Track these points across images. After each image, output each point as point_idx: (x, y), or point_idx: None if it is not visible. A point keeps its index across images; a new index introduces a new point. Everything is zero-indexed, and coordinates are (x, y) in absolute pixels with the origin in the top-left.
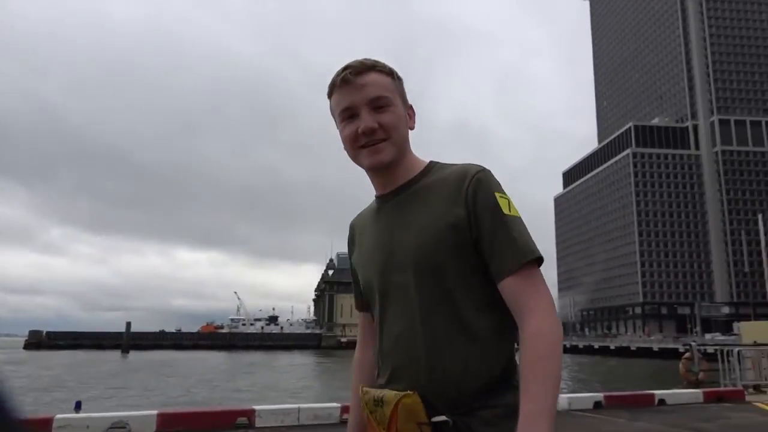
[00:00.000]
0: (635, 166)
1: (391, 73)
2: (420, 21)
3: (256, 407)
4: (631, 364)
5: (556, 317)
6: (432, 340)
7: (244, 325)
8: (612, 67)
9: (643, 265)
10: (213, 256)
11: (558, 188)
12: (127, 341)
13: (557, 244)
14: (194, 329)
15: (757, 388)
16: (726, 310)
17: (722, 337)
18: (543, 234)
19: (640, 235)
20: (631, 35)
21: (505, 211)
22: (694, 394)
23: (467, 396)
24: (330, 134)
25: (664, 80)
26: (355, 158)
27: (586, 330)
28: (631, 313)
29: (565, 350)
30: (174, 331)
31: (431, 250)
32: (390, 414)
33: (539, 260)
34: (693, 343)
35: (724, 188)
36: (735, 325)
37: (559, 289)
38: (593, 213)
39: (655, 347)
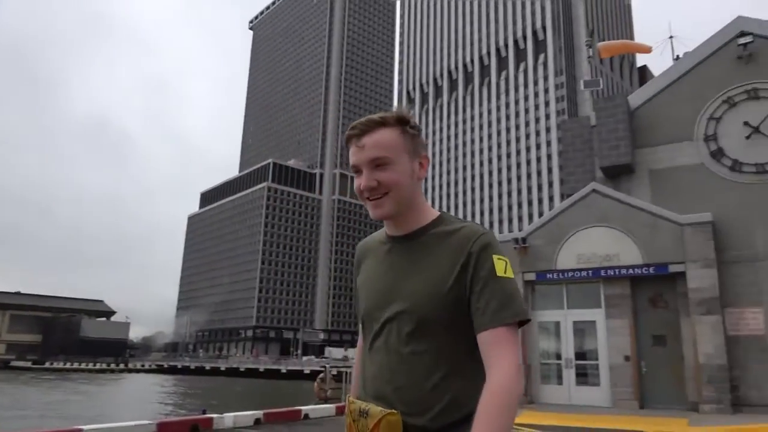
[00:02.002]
0: (268, 199)
1: (401, 123)
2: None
3: None
4: (239, 383)
5: (518, 375)
6: (416, 376)
7: None
8: (263, 102)
9: (260, 291)
10: None
11: (194, 207)
12: None
13: (184, 262)
14: None
15: None
16: (322, 336)
17: (317, 359)
18: (171, 251)
19: (263, 263)
20: (284, 81)
21: (499, 273)
22: (329, 408)
23: (443, 427)
24: None
25: (304, 128)
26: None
27: (200, 351)
28: (243, 335)
29: (176, 371)
30: None
31: (430, 301)
32: (372, 426)
33: (521, 321)
34: (327, 366)
35: (335, 231)
36: (327, 349)
37: (178, 308)
38: (224, 237)
39: (261, 368)
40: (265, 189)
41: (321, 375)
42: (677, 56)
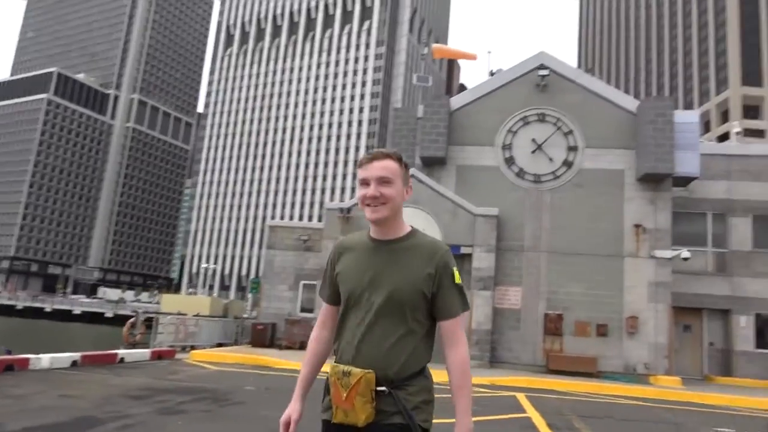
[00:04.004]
0: (47, 114)
1: (400, 160)
2: None
3: None
4: None
5: (467, 346)
6: (390, 343)
7: None
8: (44, 4)
9: (24, 218)
10: None
11: None
12: None
13: None
14: None
15: (183, 349)
16: (96, 274)
17: (88, 300)
18: None
19: (31, 186)
20: None
21: (457, 281)
22: (143, 353)
23: (401, 379)
24: None
25: (101, 40)
26: (363, 210)
27: None
28: None
29: None
30: None
31: (408, 290)
32: (354, 382)
33: (467, 310)
34: (139, 311)
35: (126, 162)
36: (101, 289)
37: None
38: None
39: (20, 305)
40: (45, 102)
41: (132, 320)
42: (492, 71)
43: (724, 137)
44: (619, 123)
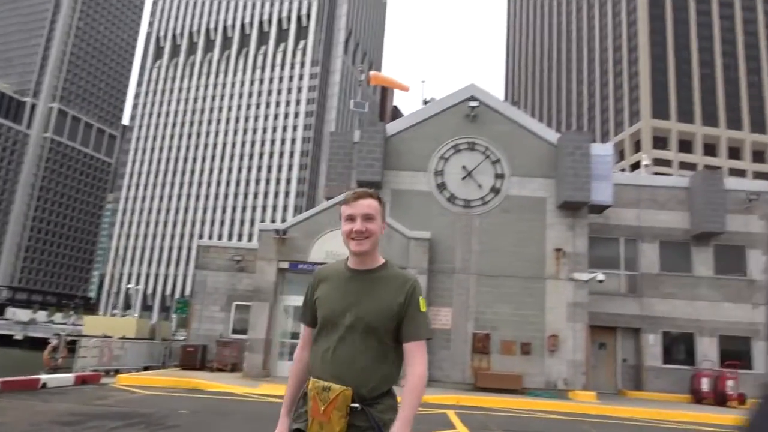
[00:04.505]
0: None
1: (379, 200)
2: None
3: None
4: None
5: (426, 370)
6: (362, 364)
7: None
8: None
9: None
10: None
11: None
12: None
13: None
14: None
15: (108, 373)
16: (5, 293)
17: None
18: None
19: None
20: None
21: (422, 309)
22: (67, 378)
23: (373, 397)
24: None
25: (18, 45)
26: (347, 243)
27: None
28: None
29: None
30: None
31: (381, 316)
32: (332, 398)
33: (430, 338)
34: (62, 333)
35: (42, 174)
36: (10, 309)
37: None
38: None
39: None
40: None
41: (53, 343)
42: (425, 100)
43: (636, 165)
44: (542, 154)
